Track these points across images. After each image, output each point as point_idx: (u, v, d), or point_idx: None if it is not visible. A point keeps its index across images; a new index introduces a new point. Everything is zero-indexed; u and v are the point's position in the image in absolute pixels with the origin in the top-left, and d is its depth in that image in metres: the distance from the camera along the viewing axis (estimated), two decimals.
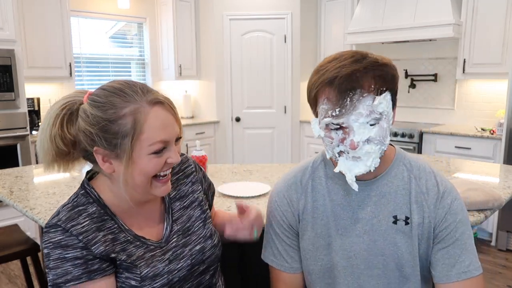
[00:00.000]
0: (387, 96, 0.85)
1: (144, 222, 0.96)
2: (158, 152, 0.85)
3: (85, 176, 0.95)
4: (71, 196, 0.92)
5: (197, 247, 0.99)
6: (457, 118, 3.90)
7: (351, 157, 0.87)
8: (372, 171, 0.88)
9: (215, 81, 4.42)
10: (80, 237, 0.83)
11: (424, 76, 3.98)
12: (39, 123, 3.55)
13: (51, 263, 0.82)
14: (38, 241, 2.00)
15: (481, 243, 3.24)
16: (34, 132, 3.45)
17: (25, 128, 3.15)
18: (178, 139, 0.90)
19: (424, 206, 0.94)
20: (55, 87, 3.80)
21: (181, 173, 1.05)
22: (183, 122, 4.34)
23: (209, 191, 1.12)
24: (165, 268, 0.91)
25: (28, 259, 1.91)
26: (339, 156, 0.89)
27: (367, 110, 0.83)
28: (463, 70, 3.50)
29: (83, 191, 0.91)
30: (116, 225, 0.90)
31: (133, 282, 0.87)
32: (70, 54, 3.61)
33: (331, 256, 0.99)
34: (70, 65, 3.60)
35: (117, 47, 4.40)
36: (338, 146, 0.88)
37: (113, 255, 0.86)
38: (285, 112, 4.48)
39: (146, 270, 0.89)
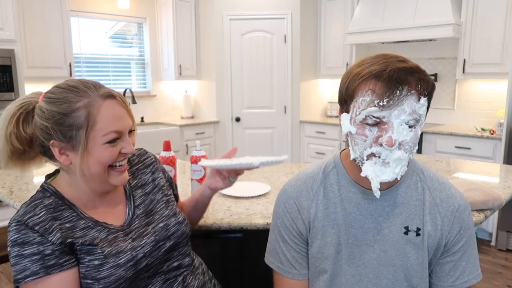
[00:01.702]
0: (427, 102, 0.83)
1: (106, 211, 1.00)
2: (112, 142, 0.91)
3: (45, 179, 1.00)
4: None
5: (160, 225, 1.03)
6: (457, 118, 3.90)
7: (381, 162, 0.83)
8: (398, 179, 0.85)
9: (215, 81, 4.42)
10: (36, 228, 0.86)
11: None
12: None
13: (11, 260, 0.86)
14: None
15: (481, 243, 3.24)
16: None
17: None
18: (131, 131, 0.97)
19: (437, 219, 0.94)
20: None
21: (140, 164, 1.12)
22: (183, 122, 4.36)
23: (172, 183, 1.18)
24: (128, 246, 0.94)
25: None
26: (366, 160, 0.85)
27: (410, 108, 0.80)
28: (463, 70, 3.50)
29: (40, 189, 0.96)
30: (74, 214, 0.94)
31: (96, 262, 0.89)
32: (70, 54, 3.61)
33: (339, 264, 0.98)
34: (70, 65, 3.60)
35: (117, 47, 4.40)
36: (370, 147, 0.83)
37: (70, 240, 0.88)
38: (285, 112, 4.48)
39: (109, 249, 0.91)
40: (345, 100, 0.88)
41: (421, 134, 3.54)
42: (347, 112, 0.88)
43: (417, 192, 0.95)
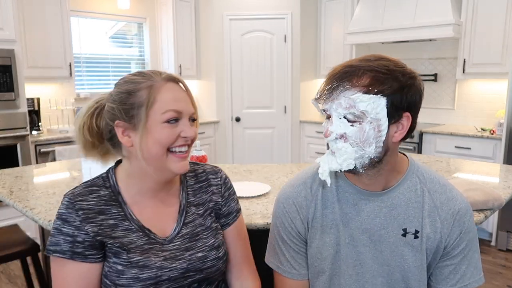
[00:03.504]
0: (378, 100, 0.82)
1: (156, 216, 0.98)
2: (170, 122, 0.90)
3: (114, 163, 1.02)
4: (95, 176, 0.99)
5: (199, 254, 0.97)
6: (457, 118, 3.90)
7: (330, 151, 0.89)
8: (342, 170, 0.87)
9: (215, 81, 4.42)
10: (80, 212, 0.89)
11: (424, 76, 3.98)
12: (39, 123, 3.55)
13: (52, 230, 0.91)
14: (38, 241, 2.00)
15: (481, 243, 3.24)
16: (34, 132, 3.45)
17: (25, 128, 3.14)
18: (194, 120, 0.96)
19: (437, 221, 0.93)
20: (55, 87, 3.80)
21: (205, 182, 1.08)
22: None
23: (230, 216, 1.08)
24: (157, 263, 0.92)
25: (28, 259, 1.91)
26: (327, 149, 0.91)
27: (346, 102, 0.83)
28: (463, 70, 3.50)
29: (105, 175, 0.99)
30: (122, 213, 0.94)
31: (119, 267, 0.90)
32: (70, 54, 3.61)
33: (338, 264, 0.98)
34: (70, 65, 3.60)
35: (117, 47, 4.40)
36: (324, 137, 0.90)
37: (100, 238, 0.90)
38: (285, 112, 4.48)
39: (138, 258, 0.91)
40: None
41: (421, 134, 3.54)
42: None
43: (416, 194, 0.94)
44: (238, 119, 4.48)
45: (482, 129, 3.43)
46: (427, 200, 0.94)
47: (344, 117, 0.84)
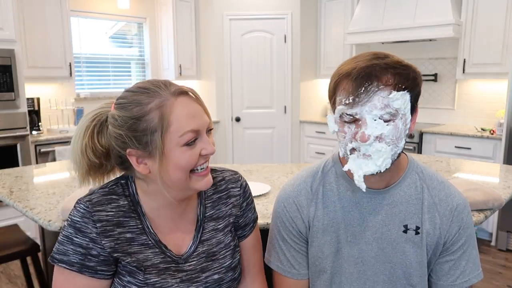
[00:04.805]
0: (405, 95, 0.82)
1: (172, 231, 0.92)
2: (190, 144, 0.82)
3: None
4: (111, 180, 0.91)
5: (215, 276, 0.93)
6: (457, 118, 3.90)
7: (362, 155, 0.84)
8: (382, 171, 0.85)
9: (215, 81, 4.42)
10: (98, 224, 0.82)
11: (424, 76, 3.98)
12: (39, 123, 3.55)
13: (60, 237, 0.83)
14: (38, 241, 2.00)
15: (481, 243, 3.24)
16: (34, 132, 3.45)
17: (25, 128, 3.14)
18: (209, 130, 0.88)
19: (436, 217, 0.94)
20: (55, 87, 3.80)
21: (225, 193, 1.00)
22: None
23: (246, 228, 1.04)
24: (174, 285, 0.88)
25: (28, 259, 1.91)
26: (350, 154, 0.87)
27: (382, 103, 0.81)
28: (463, 70, 3.50)
29: (124, 181, 0.90)
30: (140, 226, 0.88)
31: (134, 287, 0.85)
32: (70, 54, 3.61)
33: (339, 262, 0.98)
34: (70, 65, 3.60)
35: (117, 47, 4.40)
36: (350, 142, 0.85)
37: (116, 254, 0.84)
38: (285, 112, 4.48)
39: (155, 279, 0.86)
40: (331, 102, 0.92)
41: (421, 134, 3.54)
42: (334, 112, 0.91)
43: (417, 191, 0.95)
44: (238, 119, 4.48)
45: (482, 129, 3.43)
46: (426, 197, 0.95)
47: (380, 118, 0.82)
